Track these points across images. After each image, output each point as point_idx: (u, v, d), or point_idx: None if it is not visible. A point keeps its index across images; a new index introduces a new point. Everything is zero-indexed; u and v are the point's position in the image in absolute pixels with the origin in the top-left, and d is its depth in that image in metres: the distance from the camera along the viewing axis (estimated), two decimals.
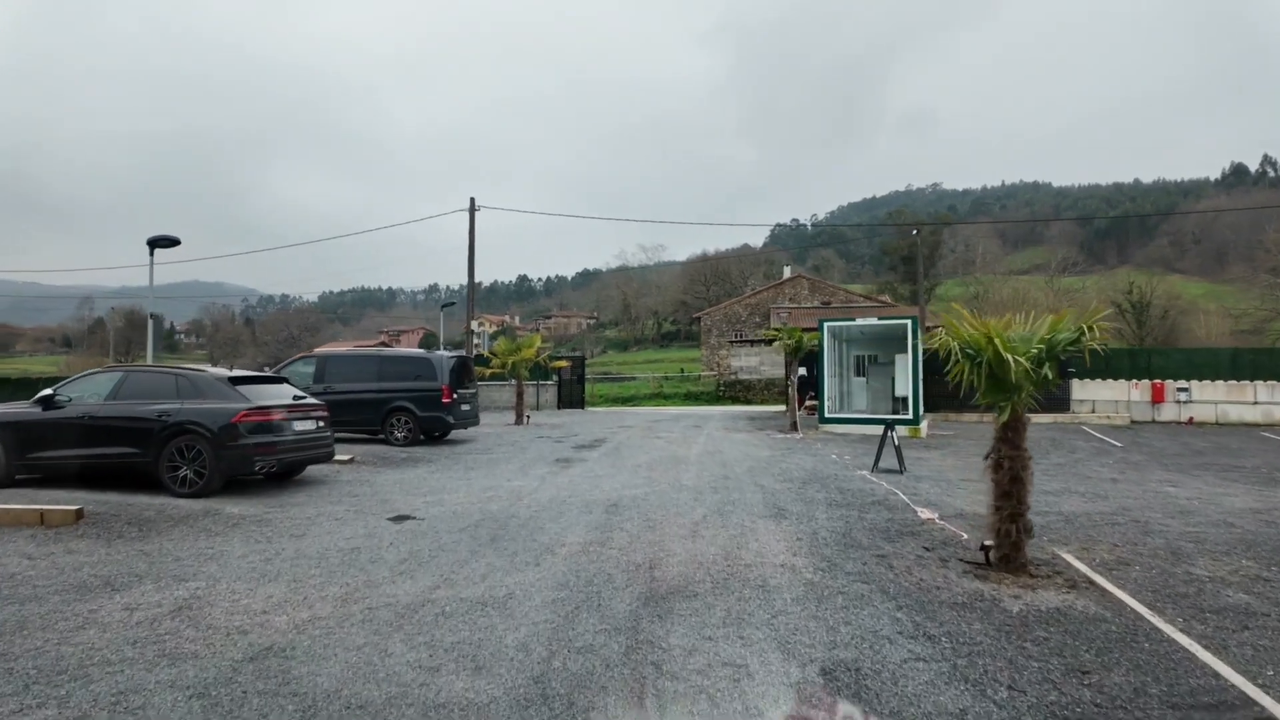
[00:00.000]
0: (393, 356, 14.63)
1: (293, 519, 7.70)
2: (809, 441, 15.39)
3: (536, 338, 20.14)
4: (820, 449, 14.10)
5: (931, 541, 6.90)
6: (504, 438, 16.12)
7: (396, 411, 13.79)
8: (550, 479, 10.30)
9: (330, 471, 10.89)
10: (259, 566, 5.92)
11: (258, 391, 9.28)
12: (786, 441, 15.36)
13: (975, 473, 11.55)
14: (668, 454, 13.05)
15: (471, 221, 28.02)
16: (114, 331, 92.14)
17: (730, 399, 31.82)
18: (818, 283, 46.14)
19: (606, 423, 20.79)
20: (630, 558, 6.15)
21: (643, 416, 23.58)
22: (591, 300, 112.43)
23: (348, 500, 8.76)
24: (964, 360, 6.17)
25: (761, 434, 17.02)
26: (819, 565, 5.99)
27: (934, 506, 8.52)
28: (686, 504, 8.43)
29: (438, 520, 7.64)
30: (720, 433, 17.29)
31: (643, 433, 17.36)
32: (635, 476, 10.49)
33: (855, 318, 17.56)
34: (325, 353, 15.23)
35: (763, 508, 8.24)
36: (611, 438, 16.01)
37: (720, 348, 46.17)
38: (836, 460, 12.53)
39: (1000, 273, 79.99)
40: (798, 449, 14.04)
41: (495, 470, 11.23)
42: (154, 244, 12.84)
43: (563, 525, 7.39)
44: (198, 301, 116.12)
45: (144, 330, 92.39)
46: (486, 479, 10.34)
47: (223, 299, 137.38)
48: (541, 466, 11.61)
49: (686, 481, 10.03)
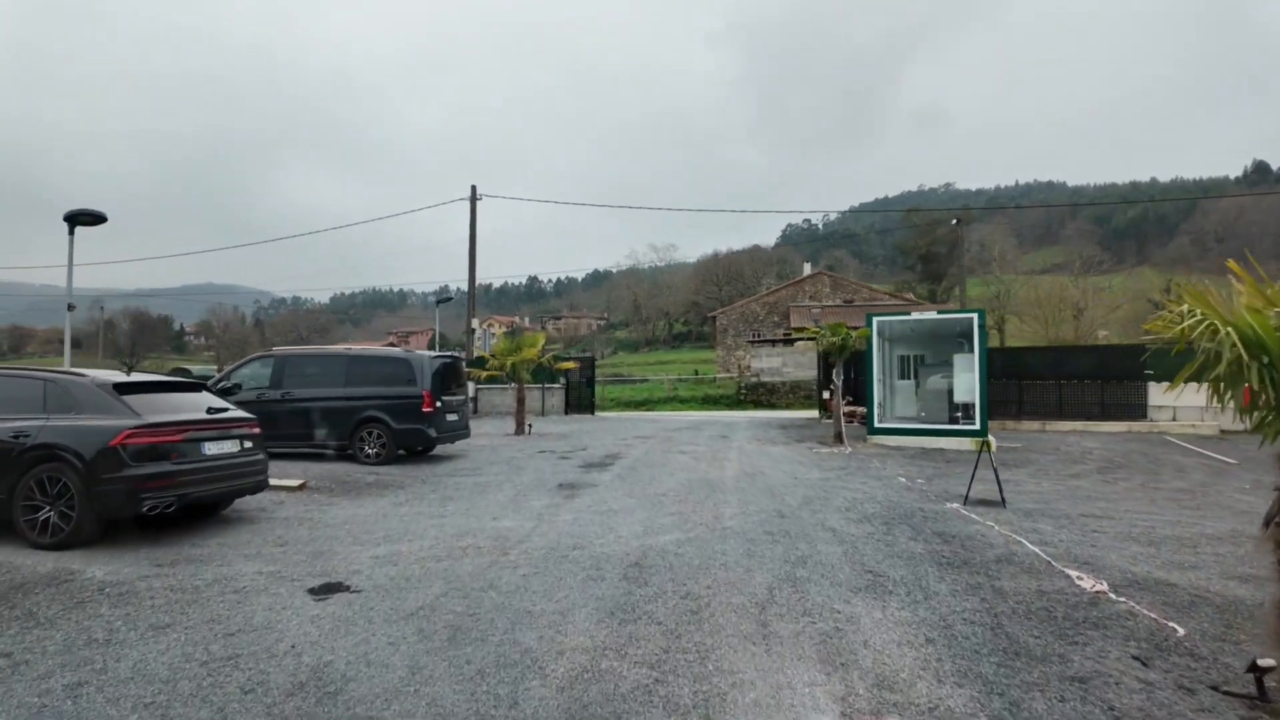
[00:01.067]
0: (363, 357, 12.12)
1: (171, 590, 5.23)
2: (862, 457, 12.81)
3: (539, 336, 17.66)
4: (880, 468, 11.53)
5: (1135, 640, 4.35)
6: (499, 452, 13.62)
7: (367, 423, 11.31)
8: (549, 516, 7.79)
9: (269, 504, 8.44)
10: (50, 708, 3.45)
11: (155, 403, 6.82)
12: (835, 458, 12.79)
13: (1094, 504, 8.97)
14: (697, 476, 10.52)
15: (473, 211, 25.62)
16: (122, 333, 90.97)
17: (752, 403, 29.20)
18: (839, 280, 43.50)
19: (619, 431, 18.29)
20: (670, 691, 3.64)
21: (659, 424, 21.06)
22: (602, 301, 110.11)
23: (270, 553, 6.28)
24: (1249, 360, 3.52)
25: (801, 447, 14.45)
26: (988, 707, 3.45)
27: (1087, 566, 5.95)
28: (738, 564, 5.90)
29: (381, 593, 5.16)
30: (753, 445, 14.73)
31: (662, 445, 14.83)
32: (660, 512, 7.96)
33: (911, 312, 14.94)
34: (285, 352, 12.72)
35: (850, 572, 5.69)
36: (626, 452, 13.49)
37: (737, 348, 43.56)
38: (908, 485, 9.96)
39: (1019, 272, 77.03)
40: (853, 468, 11.47)
41: (480, 501, 8.73)
42: (72, 220, 10.42)
43: (560, 606, 4.88)
44: (207, 303, 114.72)
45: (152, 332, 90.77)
46: (466, 516, 7.84)
47: (235, 301, 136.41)
48: (540, 495, 9.10)
49: (730, 521, 7.50)
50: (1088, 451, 14.20)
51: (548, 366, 18.23)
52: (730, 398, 30.40)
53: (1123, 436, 16.93)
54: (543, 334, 17.53)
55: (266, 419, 11.63)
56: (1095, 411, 18.57)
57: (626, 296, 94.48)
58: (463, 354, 21.32)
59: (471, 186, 25.55)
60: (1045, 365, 19.26)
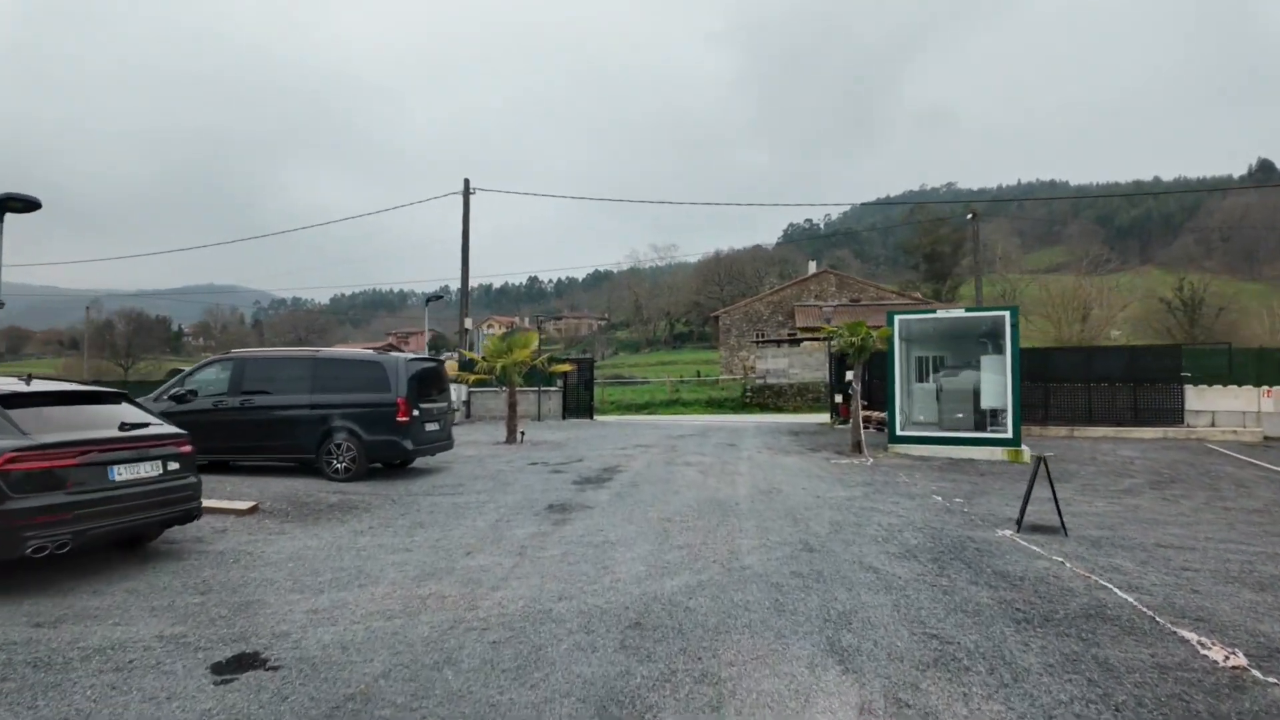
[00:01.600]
0: (332, 360, 10.84)
1: (35, 664, 4.01)
2: (887, 470, 11.56)
3: (532, 336, 16.32)
4: (909, 483, 10.29)
5: None
6: (487, 464, 12.37)
7: (336, 434, 10.04)
8: (533, 551, 6.56)
9: (209, 532, 7.21)
10: None
11: (51, 419, 5.60)
12: (857, 470, 11.54)
13: (1165, 530, 7.64)
14: (706, 495, 9.28)
15: (466, 205, 24.41)
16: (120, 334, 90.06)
17: (758, 406, 27.93)
18: (845, 278, 42.25)
19: (618, 438, 17.04)
20: None
21: (661, 430, 19.82)
22: (603, 301, 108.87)
23: (184, 604, 5.06)
24: None
25: (817, 457, 13.21)
26: None
27: (1201, 624, 4.72)
28: (765, 625, 4.67)
29: (304, 670, 3.93)
30: (764, 455, 13.49)
31: (665, 455, 13.60)
32: (665, 545, 6.73)
33: (936, 310, 13.71)
34: (245, 355, 11.41)
35: (909, 637, 4.45)
36: (626, 464, 12.25)
37: (741, 348, 42.31)
38: (945, 505, 8.72)
39: (1023, 271, 75.78)
40: (880, 484, 10.23)
41: (455, 529, 7.50)
42: (1, 206, 9.20)
43: (537, 695, 3.65)
44: (208, 303, 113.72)
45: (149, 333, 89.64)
46: (435, 551, 6.60)
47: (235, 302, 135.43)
48: (525, 521, 7.86)
49: (749, 557, 6.26)
50: (1128, 462, 12.97)
51: (541, 369, 16.90)
52: (735, 400, 29.14)
53: (1160, 444, 15.69)
54: (536, 334, 16.22)
55: (224, 429, 10.45)
56: (1127, 416, 17.34)
57: (627, 297, 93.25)
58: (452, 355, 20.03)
59: (465, 180, 24.35)
60: (1073, 367, 18.02)
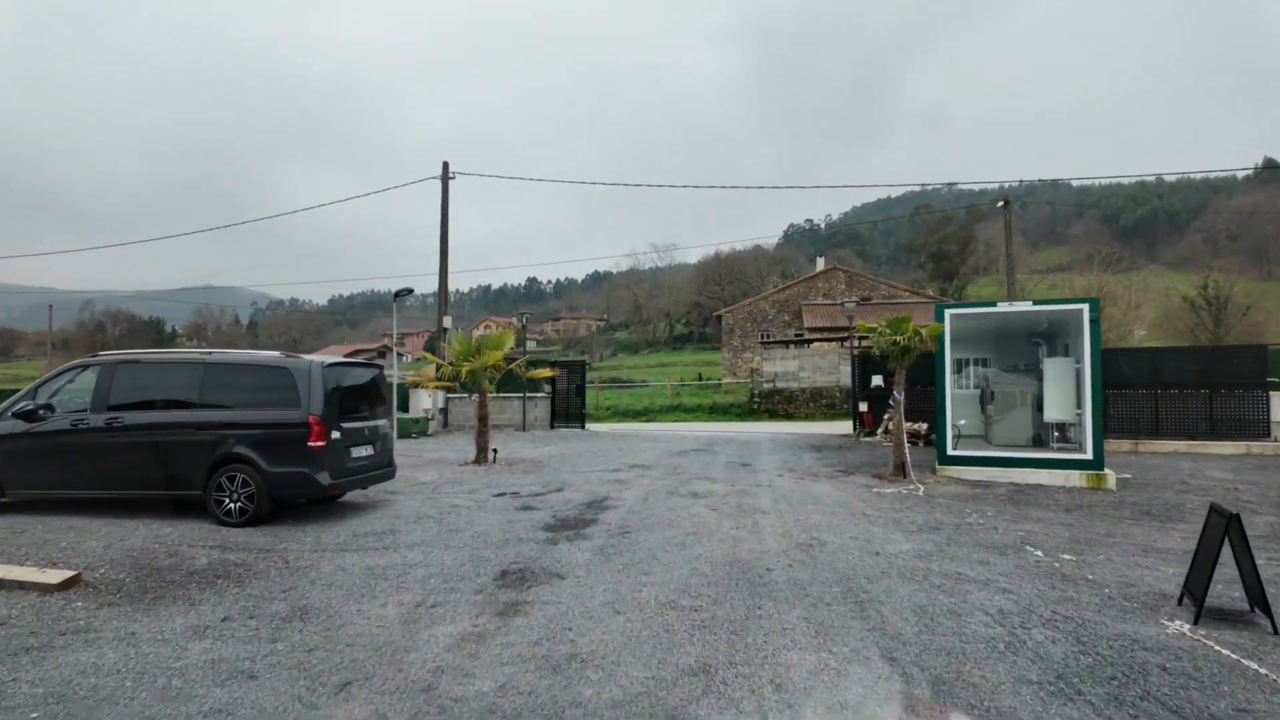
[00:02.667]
0: (226, 364, 7.83)
1: None
2: (947, 504, 8.97)
3: (506, 335, 13.03)
4: (986, 525, 7.70)
5: None
6: (439, 497, 9.75)
7: (229, 463, 7.45)
8: (451, 683, 3.98)
9: None
10: None
11: None
12: (910, 503, 8.96)
13: None
14: (723, 553, 6.70)
15: (444, 190, 21.90)
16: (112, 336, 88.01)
17: (767, 413, 25.32)
18: (855, 275, 39.67)
19: (610, 455, 14.46)
20: None
21: (661, 443, 17.27)
22: (602, 302, 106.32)
23: None
24: None
25: (853, 483, 10.63)
26: None
27: None
28: None
29: None
30: (788, 480, 10.91)
31: (665, 480, 11.05)
32: (667, 665, 4.17)
33: (997, 303, 11.18)
34: (115, 358, 8.61)
35: None
36: (616, 496, 9.68)
37: (745, 349, 39.73)
38: (1056, 568, 6.13)
39: (1029, 271, 73.33)
40: (950, 528, 7.63)
41: (348, 624, 4.93)
42: None
43: None
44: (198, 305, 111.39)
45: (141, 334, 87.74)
46: (294, 676, 4.03)
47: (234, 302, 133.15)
48: (457, 608, 5.28)
49: (810, 700, 3.70)
50: (1230, 487, 10.42)
51: (519, 375, 14.15)
52: (741, 406, 26.53)
53: (1249, 462, 13.14)
54: (511, 333, 13.43)
55: (85, 457, 7.79)
56: (1202, 428, 14.79)
57: (626, 297, 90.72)
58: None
59: (444, 163, 21.82)
60: (1137, 371, 15.46)
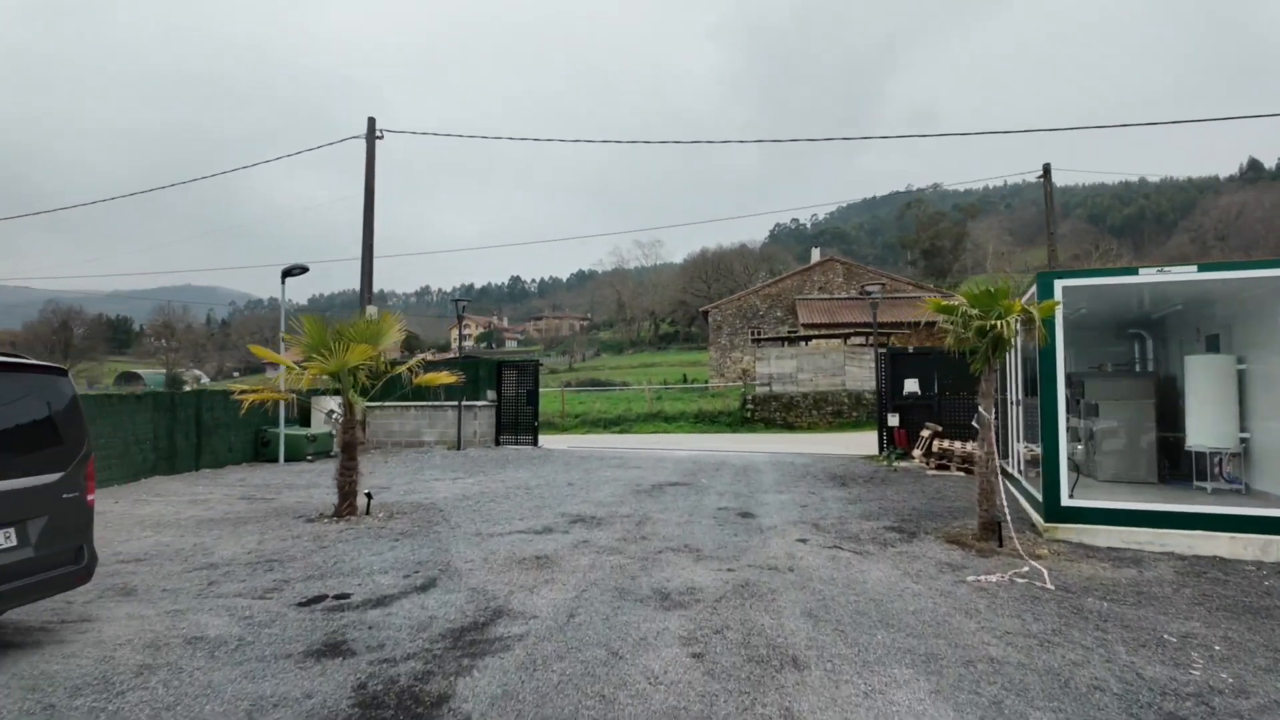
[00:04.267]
0: None
1: None
2: (1113, 610, 4.71)
3: (389, 320, 8.51)
4: (1216, 683, 3.49)
5: None
6: (177, 620, 5.39)
7: None
8: None
9: None
10: None
11: None
12: (1044, 610, 4.71)
13: None
14: None
15: (370, 149, 17.54)
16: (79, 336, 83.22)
17: (763, 422, 21.07)
18: (854, 267, 35.65)
19: (551, 495, 10.10)
20: None
21: (630, 470, 12.99)
22: (586, 301, 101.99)
23: None
24: None
25: (922, 555, 6.38)
26: None
27: None
28: None
29: None
30: (822, 558, 6.60)
31: (621, 555, 6.77)
32: None
33: (1139, 269, 6.97)
34: None
35: None
36: (522, 604, 5.35)
37: (733, 348, 35.55)
38: None
39: (1019, 270, 70.13)
40: (1159, 693, 3.40)
41: None
42: None
43: None
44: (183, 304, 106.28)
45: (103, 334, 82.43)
46: None
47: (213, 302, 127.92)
48: None
49: None
50: None
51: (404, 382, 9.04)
52: (732, 415, 22.30)
53: None
54: (393, 319, 8.56)
55: None
56: None
57: (610, 296, 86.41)
58: None
59: (369, 119, 17.49)
60: None
